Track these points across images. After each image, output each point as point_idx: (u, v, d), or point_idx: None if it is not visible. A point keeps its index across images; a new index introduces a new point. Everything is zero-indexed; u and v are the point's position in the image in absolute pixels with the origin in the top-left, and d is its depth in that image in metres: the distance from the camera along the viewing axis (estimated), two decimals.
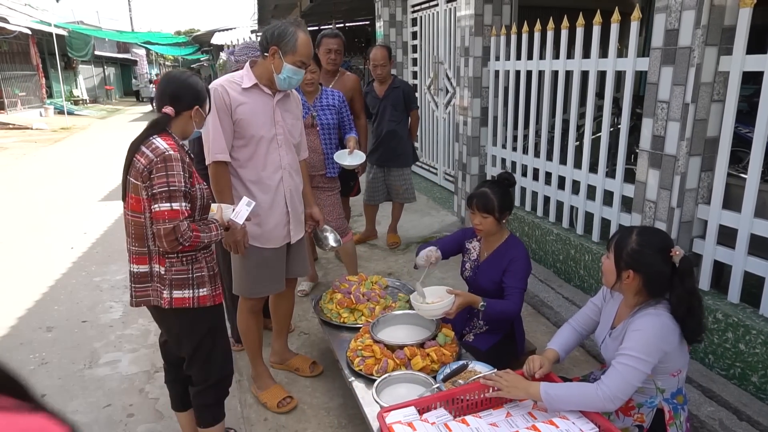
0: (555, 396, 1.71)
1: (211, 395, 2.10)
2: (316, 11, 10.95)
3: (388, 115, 4.37)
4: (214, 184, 2.33)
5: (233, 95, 2.30)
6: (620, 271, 1.77)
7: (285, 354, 2.91)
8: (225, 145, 2.30)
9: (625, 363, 1.67)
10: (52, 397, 2.79)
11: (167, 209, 1.77)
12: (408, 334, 2.45)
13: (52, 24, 17.07)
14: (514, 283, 2.39)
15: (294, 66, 2.30)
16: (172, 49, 27.62)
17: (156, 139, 1.84)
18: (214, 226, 1.94)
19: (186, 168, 1.83)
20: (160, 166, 1.78)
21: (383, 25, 6.80)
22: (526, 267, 2.44)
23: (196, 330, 1.99)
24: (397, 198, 4.58)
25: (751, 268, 2.47)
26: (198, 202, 1.92)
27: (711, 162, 2.63)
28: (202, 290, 1.94)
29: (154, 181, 1.78)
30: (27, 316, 3.74)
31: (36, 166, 9.61)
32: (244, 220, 2.10)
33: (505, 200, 2.43)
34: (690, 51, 2.48)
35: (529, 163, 4.07)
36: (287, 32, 2.26)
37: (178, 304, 1.91)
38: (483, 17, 4.37)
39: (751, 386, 2.37)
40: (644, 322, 1.71)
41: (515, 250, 2.46)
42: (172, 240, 1.78)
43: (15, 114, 16.79)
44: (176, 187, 1.79)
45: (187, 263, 1.91)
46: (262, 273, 2.49)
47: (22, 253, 5.10)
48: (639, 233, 1.77)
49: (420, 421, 1.75)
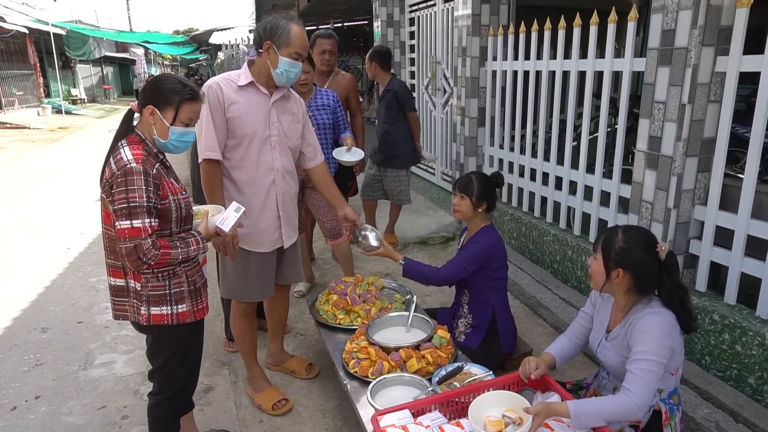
0: (584, 412, 1.64)
1: (168, 408, 2.03)
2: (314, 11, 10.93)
3: (383, 117, 4.38)
4: (205, 183, 2.29)
5: (227, 93, 2.26)
6: (609, 271, 1.77)
7: (281, 356, 2.90)
8: (216, 142, 2.26)
9: (645, 368, 1.66)
10: (46, 398, 2.78)
11: (128, 227, 1.67)
12: (403, 336, 2.44)
13: (49, 23, 17.03)
14: (457, 257, 2.56)
15: (290, 59, 2.24)
16: (171, 48, 27.61)
17: (123, 148, 1.74)
18: (193, 240, 1.83)
19: (151, 181, 1.71)
20: (120, 181, 1.68)
21: (381, 25, 6.79)
22: (480, 249, 2.53)
23: (171, 345, 1.93)
24: (392, 199, 4.58)
25: (747, 269, 2.46)
26: (173, 214, 1.81)
27: (708, 163, 2.62)
28: (181, 306, 1.87)
29: (114, 197, 1.68)
30: (22, 317, 3.73)
31: (33, 166, 9.58)
32: (231, 227, 1.96)
33: (486, 190, 2.56)
34: (687, 51, 2.47)
35: (527, 163, 4.06)
36: (279, 25, 2.22)
37: (157, 321, 1.84)
38: (480, 17, 4.36)
39: (748, 388, 2.36)
40: (648, 322, 1.71)
41: (481, 235, 2.58)
42: (134, 260, 1.68)
43: (12, 113, 16.75)
44: (137, 203, 1.67)
45: (164, 279, 1.82)
46: (249, 278, 2.44)
47: (18, 253, 5.08)
48: (624, 232, 1.78)
49: (414, 424, 1.74)
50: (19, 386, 2.91)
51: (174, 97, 1.77)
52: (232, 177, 2.35)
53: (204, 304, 1.99)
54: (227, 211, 1.99)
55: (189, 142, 1.86)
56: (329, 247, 4.60)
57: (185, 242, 1.81)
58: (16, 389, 2.88)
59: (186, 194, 1.91)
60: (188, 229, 1.91)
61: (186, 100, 1.79)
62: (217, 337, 3.33)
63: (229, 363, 3.04)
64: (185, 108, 1.79)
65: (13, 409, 2.71)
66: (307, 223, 3.99)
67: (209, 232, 1.94)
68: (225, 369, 3.00)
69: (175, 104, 1.77)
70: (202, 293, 1.97)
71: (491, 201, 2.59)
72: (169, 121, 1.78)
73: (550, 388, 1.89)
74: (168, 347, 1.94)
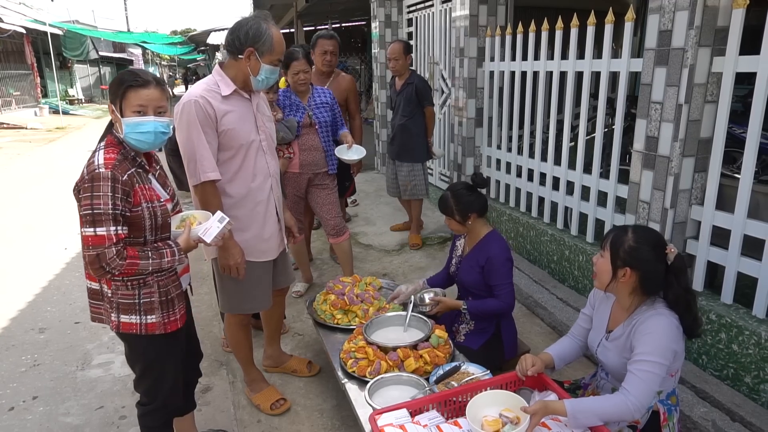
0: (581, 411, 1.64)
1: (157, 417, 2.02)
2: (312, 11, 10.92)
3: (401, 110, 4.40)
4: (206, 206, 2.14)
5: (216, 105, 2.13)
6: (616, 270, 1.76)
7: (280, 357, 2.90)
8: (214, 161, 2.15)
9: (645, 369, 1.66)
10: (44, 399, 2.78)
11: (91, 235, 1.61)
12: (401, 335, 2.44)
13: (46, 23, 17.00)
14: (498, 281, 2.47)
15: (271, 65, 2.18)
16: (168, 49, 27.55)
17: (99, 152, 1.69)
18: (168, 251, 1.76)
19: (119, 188, 1.64)
20: (87, 186, 1.63)
21: (379, 26, 6.80)
22: (505, 262, 2.49)
23: (145, 355, 1.91)
24: (404, 194, 4.59)
25: (744, 268, 2.47)
26: (146, 222, 1.73)
27: (704, 163, 2.63)
28: (150, 317, 1.80)
29: (81, 202, 1.64)
30: (19, 317, 3.72)
31: (30, 166, 9.56)
32: (213, 238, 1.86)
33: (466, 199, 2.50)
34: (683, 52, 2.48)
35: (524, 163, 4.07)
36: (262, 31, 2.12)
37: (126, 329, 1.80)
38: (478, 18, 4.37)
39: (744, 387, 2.37)
40: (653, 324, 1.70)
41: (491, 246, 2.51)
42: (97, 268, 1.63)
43: (9, 113, 16.71)
44: (101, 210, 1.61)
45: (133, 288, 1.77)
46: (253, 289, 2.41)
47: (16, 253, 5.07)
48: (634, 231, 1.77)
49: (412, 423, 1.74)
50: (16, 387, 2.90)
51: (119, 89, 1.71)
52: (226, 192, 2.25)
53: (177, 315, 1.90)
54: (210, 221, 1.90)
55: (150, 133, 1.73)
56: (327, 248, 4.60)
57: (159, 253, 1.74)
58: (14, 390, 2.87)
59: (164, 202, 1.81)
60: (166, 237, 1.83)
61: (130, 87, 1.71)
62: (215, 337, 3.32)
63: (227, 363, 3.04)
64: (131, 96, 1.71)
65: (11, 409, 2.71)
66: (306, 224, 3.99)
67: (189, 244, 1.84)
68: (223, 369, 3.00)
69: (119, 95, 1.71)
70: (175, 304, 1.88)
71: (478, 207, 2.52)
72: (120, 114, 1.72)
73: (547, 387, 1.90)
74: (144, 356, 1.91)
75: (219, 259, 2.25)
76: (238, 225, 2.26)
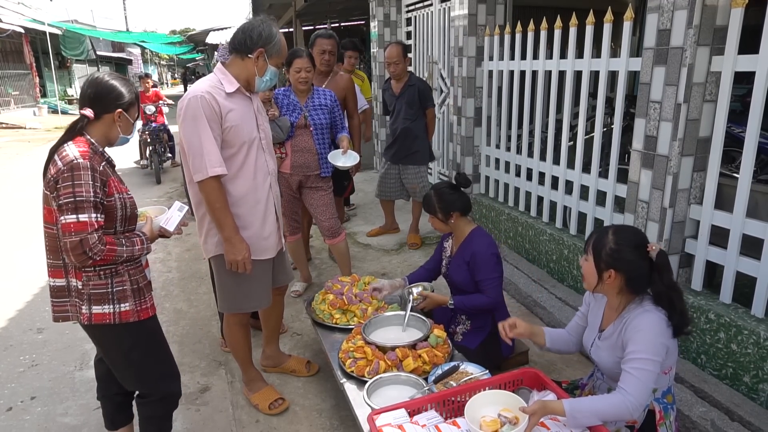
0: (580, 411, 1.63)
1: (158, 408, 2.05)
2: (311, 11, 10.91)
3: (404, 113, 4.37)
4: (213, 202, 2.16)
5: (221, 102, 2.16)
6: (601, 272, 1.77)
7: (279, 357, 2.89)
8: (220, 156, 2.16)
9: (640, 367, 1.66)
10: (42, 399, 2.77)
11: (73, 221, 1.67)
12: (400, 335, 2.44)
13: (45, 23, 16.97)
14: (483, 276, 2.51)
15: (276, 68, 2.29)
16: (167, 48, 27.57)
17: (68, 146, 1.74)
18: (138, 239, 1.86)
19: (98, 177, 1.72)
20: (66, 176, 1.68)
21: (378, 25, 6.79)
22: (490, 257, 2.51)
23: (121, 345, 1.92)
24: (414, 197, 4.58)
25: (743, 268, 2.47)
26: (118, 212, 1.82)
27: (703, 162, 2.63)
28: (123, 305, 1.84)
29: (60, 192, 1.68)
30: (17, 317, 3.72)
31: (29, 166, 9.55)
32: (175, 226, 2.01)
33: (449, 198, 2.56)
34: (682, 51, 2.48)
35: (523, 163, 4.07)
36: (273, 34, 2.21)
37: (98, 320, 1.82)
38: (477, 17, 4.36)
39: (743, 386, 2.37)
40: (642, 321, 1.71)
41: (475, 242, 2.56)
42: (79, 254, 1.68)
43: (8, 113, 16.70)
44: (83, 198, 1.68)
45: (106, 277, 1.81)
46: (253, 288, 2.42)
47: (13, 253, 5.06)
48: (615, 232, 1.77)
49: (410, 423, 1.74)
50: (14, 387, 2.90)
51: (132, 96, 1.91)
52: (228, 190, 2.25)
53: (148, 304, 1.95)
54: (170, 210, 2.05)
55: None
56: (326, 247, 4.60)
57: (131, 241, 1.84)
58: (12, 390, 2.87)
59: (130, 194, 1.93)
60: (132, 229, 1.93)
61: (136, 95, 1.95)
62: (213, 338, 3.32)
63: (226, 363, 3.03)
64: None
65: (9, 409, 2.70)
66: (304, 223, 3.98)
67: (153, 233, 1.98)
68: (221, 369, 3.00)
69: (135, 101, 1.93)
70: (145, 293, 1.94)
71: (460, 206, 2.56)
72: (133, 118, 1.93)
73: (546, 387, 1.90)
74: (119, 346, 1.92)
75: (226, 254, 2.26)
76: (238, 223, 2.27)
